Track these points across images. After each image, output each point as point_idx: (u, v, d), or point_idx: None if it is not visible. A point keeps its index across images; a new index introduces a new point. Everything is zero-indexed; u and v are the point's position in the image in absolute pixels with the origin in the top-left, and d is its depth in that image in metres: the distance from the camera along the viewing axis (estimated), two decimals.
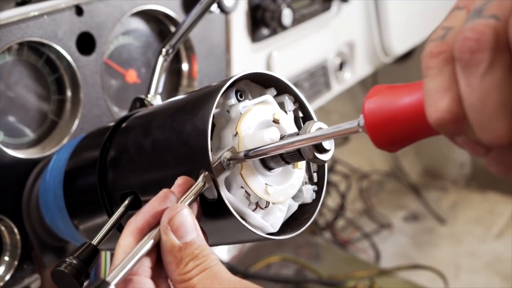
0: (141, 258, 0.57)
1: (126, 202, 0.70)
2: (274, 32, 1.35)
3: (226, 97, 0.66)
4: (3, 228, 0.93)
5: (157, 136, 0.68)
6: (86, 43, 0.99)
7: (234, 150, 0.63)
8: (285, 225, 0.70)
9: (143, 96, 0.90)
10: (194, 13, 0.93)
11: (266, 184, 0.65)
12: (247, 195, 0.64)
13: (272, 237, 0.66)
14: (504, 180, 2.31)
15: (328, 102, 1.59)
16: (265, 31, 1.33)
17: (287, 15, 1.30)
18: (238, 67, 1.26)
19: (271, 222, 0.67)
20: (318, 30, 1.50)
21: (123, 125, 0.76)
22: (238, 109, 0.66)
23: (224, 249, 1.77)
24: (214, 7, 0.98)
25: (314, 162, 0.62)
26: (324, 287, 1.67)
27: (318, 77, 1.52)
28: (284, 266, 1.76)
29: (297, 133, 0.63)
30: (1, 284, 0.92)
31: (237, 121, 0.65)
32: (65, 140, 0.98)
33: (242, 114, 0.65)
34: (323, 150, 0.61)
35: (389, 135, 0.49)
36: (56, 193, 0.84)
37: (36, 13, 0.91)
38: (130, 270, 0.56)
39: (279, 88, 0.70)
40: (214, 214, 0.63)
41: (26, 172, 0.93)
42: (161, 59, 0.94)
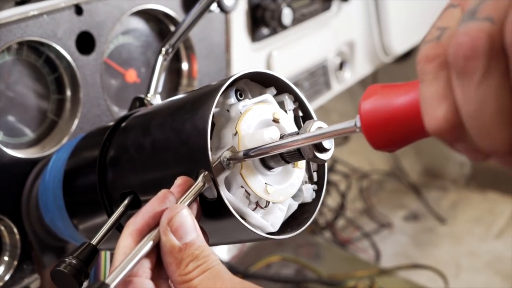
0: (140, 260, 0.57)
1: (126, 201, 0.70)
2: (274, 32, 1.35)
3: (226, 96, 0.66)
4: (2, 228, 0.92)
5: (157, 135, 0.68)
6: (85, 42, 0.99)
7: (234, 149, 0.63)
8: (285, 225, 0.69)
9: (142, 96, 0.89)
10: (194, 12, 0.93)
11: (266, 183, 0.64)
12: (247, 195, 0.64)
13: (272, 236, 0.66)
14: (504, 180, 2.31)
15: (328, 101, 1.59)
16: (265, 31, 1.33)
17: (287, 15, 1.30)
18: (238, 67, 1.26)
19: (271, 222, 0.67)
20: (318, 30, 1.50)
21: (123, 124, 0.76)
22: (238, 108, 0.65)
23: (224, 248, 1.77)
24: (214, 7, 0.97)
25: (314, 161, 0.62)
26: (324, 286, 1.67)
27: (318, 76, 1.52)
28: (284, 265, 1.75)
29: (297, 133, 0.63)
30: (1, 284, 0.92)
31: (237, 120, 0.64)
32: (65, 140, 0.97)
33: (242, 113, 0.65)
34: (323, 150, 0.60)
35: (386, 136, 0.49)
36: (55, 192, 0.84)
37: (35, 13, 0.91)
38: (130, 272, 0.56)
39: (279, 87, 0.70)
40: (214, 214, 0.63)
41: (26, 172, 0.93)
42: (160, 58, 0.94)
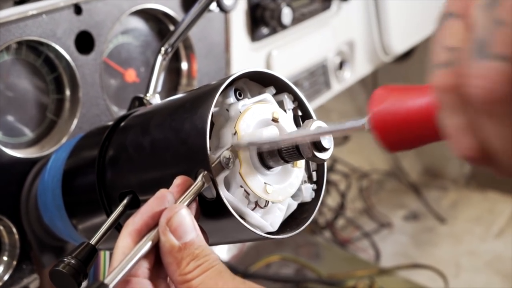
0: (139, 260, 0.57)
1: (125, 201, 0.70)
2: (273, 31, 1.35)
3: (225, 96, 0.66)
4: (1, 228, 0.92)
5: (156, 135, 0.67)
6: (85, 42, 0.99)
7: (233, 149, 0.63)
8: (284, 224, 0.69)
9: (142, 95, 0.89)
10: (193, 11, 0.92)
11: (265, 183, 0.64)
12: (246, 194, 0.64)
13: (272, 236, 0.66)
14: (504, 179, 2.30)
15: (328, 101, 1.58)
16: (265, 30, 1.33)
17: (286, 14, 1.30)
18: (238, 66, 1.25)
19: (271, 221, 0.67)
20: (318, 29, 1.50)
21: (122, 124, 0.76)
22: (237, 108, 0.65)
23: (224, 248, 1.77)
24: (213, 6, 0.97)
25: (313, 160, 0.62)
26: (324, 286, 1.67)
27: (318, 76, 1.52)
28: (284, 265, 1.75)
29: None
30: (0, 284, 0.91)
31: (236, 120, 0.64)
32: (64, 140, 0.97)
33: (241, 113, 0.65)
34: (323, 149, 0.60)
35: (396, 137, 0.48)
36: (54, 192, 0.84)
37: (34, 12, 0.91)
38: (129, 272, 0.56)
39: (278, 86, 0.70)
40: (213, 213, 0.63)
41: (25, 172, 0.93)
42: (160, 58, 0.94)
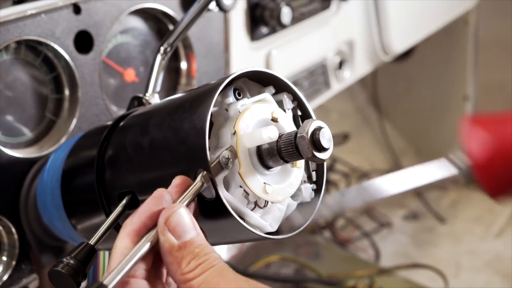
0: (138, 261, 0.57)
1: (124, 201, 0.69)
2: (273, 31, 1.35)
3: (224, 95, 0.66)
4: (1, 228, 0.92)
5: (155, 135, 0.67)
6: (84, 41, 0.99)
7: (232, 149, 0.63)
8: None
9: (141, 95, 0.89)
10: (193, 11, 0.92)
11: (264, 183, 0.64)
12: (246, 194, 0.64)
13: (271, 236, 0.66)
14: None
15: (327, 100, 1.58)
16: (264, 30, 1.33)
17: (286, 14, 1.30)
18: (237, 66, 1.25)
19: (270, 222, 0.66)
20: (318, 29, 1.49)
21: (121, 124, 0.76)
22: (237, 108, 0.65)
23: (223, 248, 1.76)
24: (212, 5, 0.97)
25: (313, 160, 0.62)
26: (324, 286, 1.66)
27: (318, 75, 1.51)
28: (284, 265, 1.75)
29: (296, 132, 0.62)
30: None
31: (236, 120, 0.64)
32: (63, 139, 0.97)
33: (240, 113, 0.65)
34: (322, 149, 0.60)
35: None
36: (53, 192, 0.84)
37: (33, 12, 0.91)
38: (128, 273, 0.56)
39: (278, 86, 0.70)
40: (212, 213, 0.63)
41: (24, 172, 0.93)
42: (159, 57, 0.94)
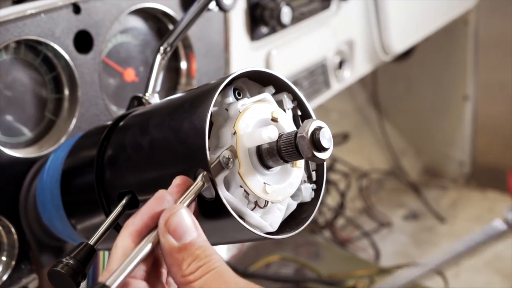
0: (140, 262, 0.57)
1: (124, 201, 0.69)
2: (273, 31, 1.34)
3: (224, 95, 0.66)
4: (0, 228, 0.92)
5: (155, 134, 0.67)
6: (83, 41, 0.99)
7: (232, 148, 0.63)
8: (284, 224, 0.69)
9: (141, 95, 0.89)
10: (192, 11, 0.92)
11: (264, 183, 0.64)
12: (246, 194, 0.64)
13: (271, 236, 0.65)
14: (503, 179, 2.30)
15: (327, 100, 1.58)
16: (264, 29, 1.33)
17: (286, 13, 1.30)
18: (237, 66, 1.25)
19: (270, 221, 0.66)
20: (318, 29, 1.49)
21: (121, 123, 0.76)
22: (237, 107, 0.65)
23: (223, 248, 1.76)
24: (212, 5, 0.97)
25: (313, 160, 0.62)
26: (324, 286, 1.66)
27: (318, 75, 1.51)
28: (284, 265, 1.75)
29: (296, 132, 0.62)
30: None
31: (236, 120, 0.64)
32: (63, 139, 0.97)
33: (240, 113, 0.65)
34: (322, 149, 0.60)
35: None
36: (53, 192, 0.84)
37: (33, 11, 0.91)
38: (130, 274, 0.56)
39: (278, 86, 0.70)
40: (212, 213, 0.63)
41: (24, 172, 0.93)
42: (159, 57, 0.93)
